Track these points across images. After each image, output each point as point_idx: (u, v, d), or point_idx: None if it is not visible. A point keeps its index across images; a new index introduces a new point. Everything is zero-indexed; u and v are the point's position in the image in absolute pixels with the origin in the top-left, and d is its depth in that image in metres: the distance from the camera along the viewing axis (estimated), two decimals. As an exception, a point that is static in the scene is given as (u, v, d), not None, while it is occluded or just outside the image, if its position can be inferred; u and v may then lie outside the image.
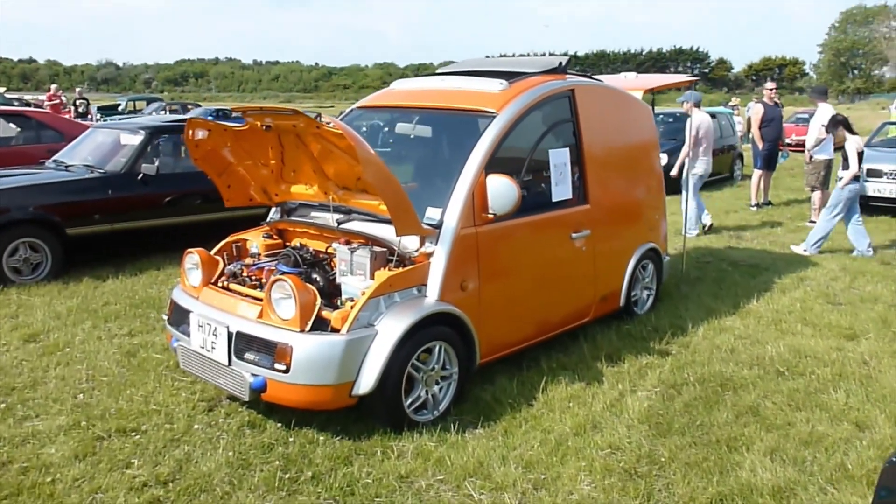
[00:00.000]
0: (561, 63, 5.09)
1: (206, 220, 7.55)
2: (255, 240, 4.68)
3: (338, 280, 4.12)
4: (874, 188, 10.46)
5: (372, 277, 3.94)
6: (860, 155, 8.01)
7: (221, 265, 4.32)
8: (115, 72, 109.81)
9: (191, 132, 4.28)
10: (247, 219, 7.35)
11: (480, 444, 3.76)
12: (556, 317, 4.92)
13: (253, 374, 3.68)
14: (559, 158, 4.78)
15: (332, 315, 3.69)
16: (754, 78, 79.53)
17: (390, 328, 3.71)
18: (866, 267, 7.53)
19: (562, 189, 4.79)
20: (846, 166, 7.98)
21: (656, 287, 6.05)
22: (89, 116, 18.04)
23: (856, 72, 72.79)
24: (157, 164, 7.14)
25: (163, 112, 22.73)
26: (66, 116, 15.09)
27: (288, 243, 4.70)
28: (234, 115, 4.31)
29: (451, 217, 4.06)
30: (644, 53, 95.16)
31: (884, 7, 71.52)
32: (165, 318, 4.39)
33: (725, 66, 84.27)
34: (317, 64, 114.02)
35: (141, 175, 7.08)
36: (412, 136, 4.77)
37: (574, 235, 4.91)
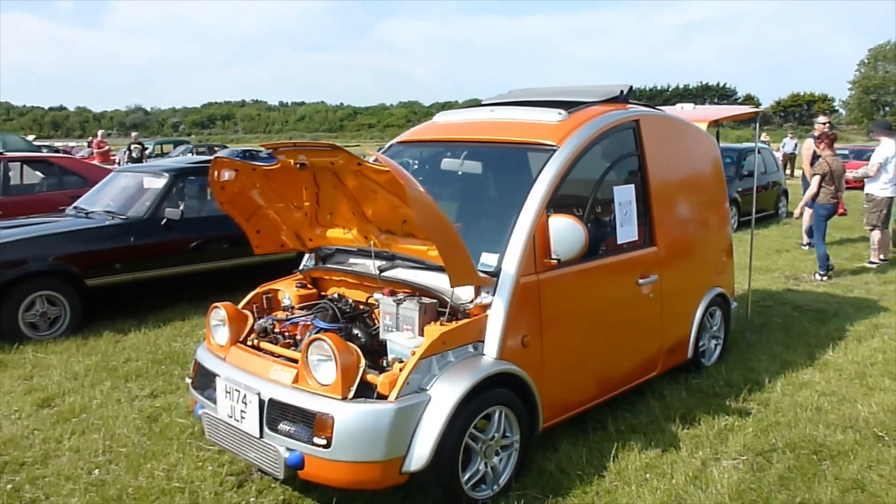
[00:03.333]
0: (622, 91, 4.65)
1: (233, 266, 7.19)
2: (287, 290, 4.23)
3: (382, 336, 3.65)
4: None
5: (421, 333, 3.47)
6: None
7: (251, 321, 3.87)
8: (144, 116, 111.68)
9: (216, 173, 3.89)
10: (277, 264, 7.00)
11: (551, 528, 3.23)
12: (622, 372, 4.40)
13: (289, 449, 3.19)
14: (624, 196, 4.31)
15: (378, 379, 3.20)
16: (782, 114, 78.64)
17: (445, 393, 3.21)
18: (945, 311, 6.91)
19: (627, 230, 4.31)
20: None
21: (724, 336, 5.50)
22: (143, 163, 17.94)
23: (886, 109, 71.61)
24: (181, 208, 6.78)
25: (189, 154, 22.69)
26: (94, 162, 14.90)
27: (323, 293, 4.25)
28: (263, 153, 3.90)
29: (510, 263, 3.59)
30: (671, 90, 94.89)
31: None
32: (189, 381, 3.93)
33: (753, 102, 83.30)
34: (342, 104, 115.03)
35: (165, 220, 6.72)
36: (460, 173, 4.32)
37: (641, 281, 4.40)
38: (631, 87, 4.75)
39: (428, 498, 3.38)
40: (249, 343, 3.76)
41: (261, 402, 3.30)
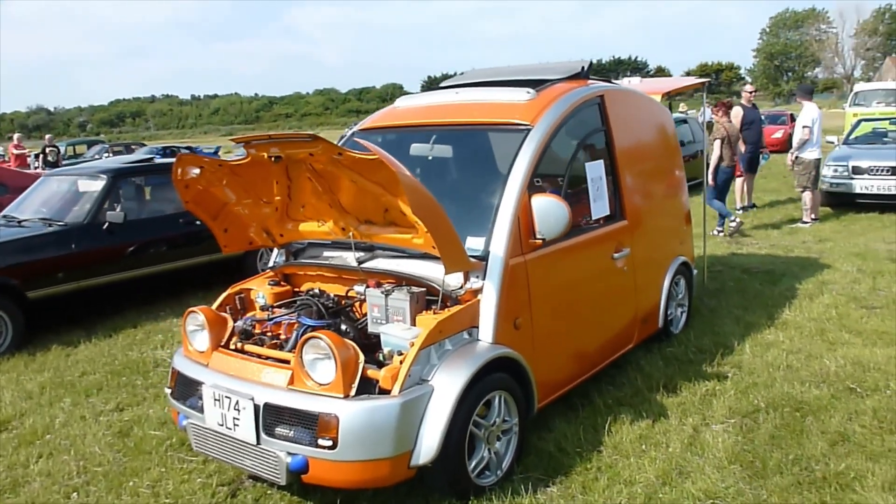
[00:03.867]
0: (583, 67, 4.65)
1: (180, 269, 6.92)
2: (260, 289, 4.06)
3: (371, 329, 3.55)
4: (861, 185, 10.32)
5: (413, 323, 3.39)
6: None
7: (231, 323, 3.70)
8: (48, 117, 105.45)
9: (180, 171, 3.69)
10: (224, 264, 6.83)
11: (562, 508, 3.22)
12: (605, 346, 4.44)
13: (290, 453, 3.07)
14: (595, 172, 4.32)
15: (379, 374, 3.11)
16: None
17: (448, 382, 3.15)
18: (882, 266, 7.25)
19: (600, 206, 4.33)
20: None
21: (689, 303, 5.63)
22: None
23: (790, 74, 75.08)
24: (123, 210, 6.44)
25: (106, 154, 21.65)
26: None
27: (297, 290, 4.11)
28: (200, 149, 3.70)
29: (497, 246, 3.54)
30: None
31: (812, 11, 74.36)
32: (168, 391, 3.73)
33: (664, 74, 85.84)
34: (257, 94, 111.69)
35: (106, 224, 6.37)
36: (430, 158, 4.23)
37: (615, 255, 4.44)
38: (591, 62, 4.75)
39: (433, 490, 3.32)
40: (233, 347, 3.59)
41: (256, 408, 3.16)
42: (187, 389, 3.58)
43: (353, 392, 3.05)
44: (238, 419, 3.22)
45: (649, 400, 4.27)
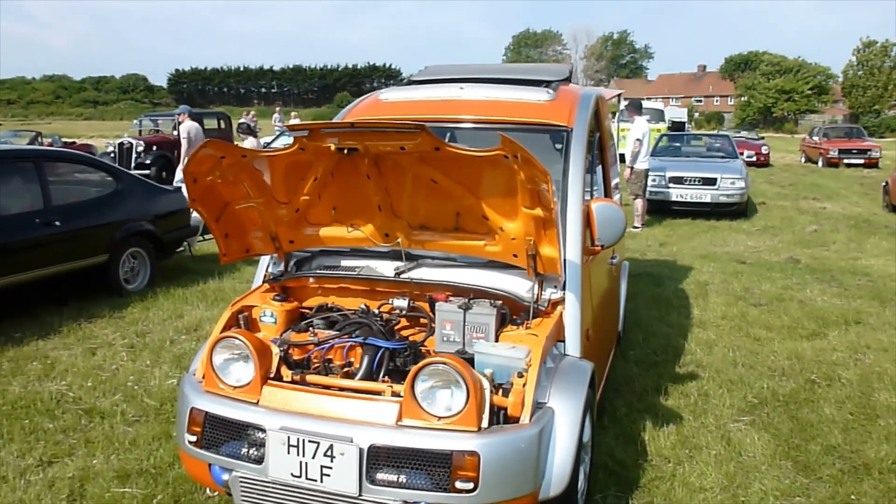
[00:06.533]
0: (570, 72, 4.57)
1: (35, 279, 5.66)
2: (266, 306, 3.41)
3: (438, 348, 3.13)
4: (677, 193, 11.51)
5: (496, 340, 3.06)
6: None
7: (275, 350, 3.03)
8: None
9: (197, 160, 2.99)
10: (84, 272, 5.92)
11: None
12: (608, 353, 4.40)
13: (406, 502, 2.59)
14: (598, 176, 4.27)
15: (507, 401, 2.74)
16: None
17: (567, 404, 2.87)
18: (733, 267, 8.11)
19: (602, 211, 4.28)
20: None
21: (623, 305, 5.80)
22: None
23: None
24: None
25: None
26: None
27: (301, 305, 3.51)
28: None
29: (572, 254, 3.32)
30: (340, 69, 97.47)
31: (549, 32, 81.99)
32: (190, 439, 2.94)
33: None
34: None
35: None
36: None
37: (612, 261, 4.42)
38: (572, 66, 4.70)
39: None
40: (291, 378, 2.95)
41: (360, 452, 2.62)
42: (227, 434, 2.87)
43: (485, 424, 2.65)
44: (330, 466, 2.65)
45: (656, 404, 4.31)
